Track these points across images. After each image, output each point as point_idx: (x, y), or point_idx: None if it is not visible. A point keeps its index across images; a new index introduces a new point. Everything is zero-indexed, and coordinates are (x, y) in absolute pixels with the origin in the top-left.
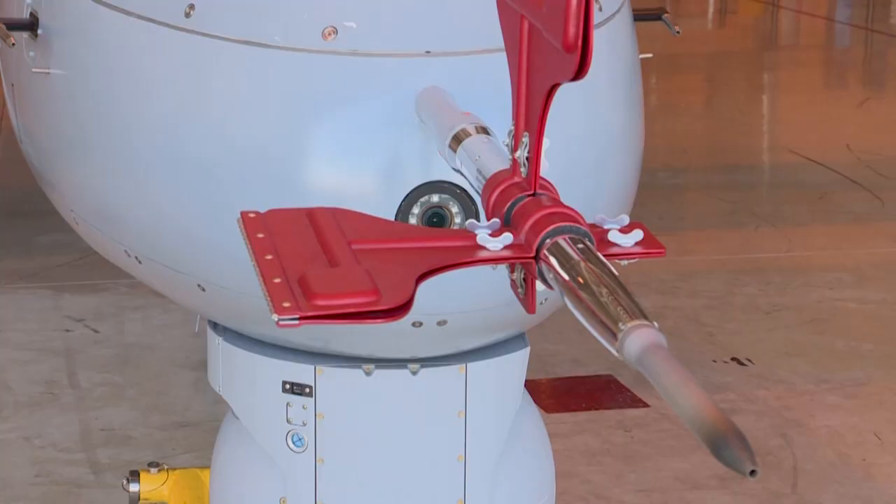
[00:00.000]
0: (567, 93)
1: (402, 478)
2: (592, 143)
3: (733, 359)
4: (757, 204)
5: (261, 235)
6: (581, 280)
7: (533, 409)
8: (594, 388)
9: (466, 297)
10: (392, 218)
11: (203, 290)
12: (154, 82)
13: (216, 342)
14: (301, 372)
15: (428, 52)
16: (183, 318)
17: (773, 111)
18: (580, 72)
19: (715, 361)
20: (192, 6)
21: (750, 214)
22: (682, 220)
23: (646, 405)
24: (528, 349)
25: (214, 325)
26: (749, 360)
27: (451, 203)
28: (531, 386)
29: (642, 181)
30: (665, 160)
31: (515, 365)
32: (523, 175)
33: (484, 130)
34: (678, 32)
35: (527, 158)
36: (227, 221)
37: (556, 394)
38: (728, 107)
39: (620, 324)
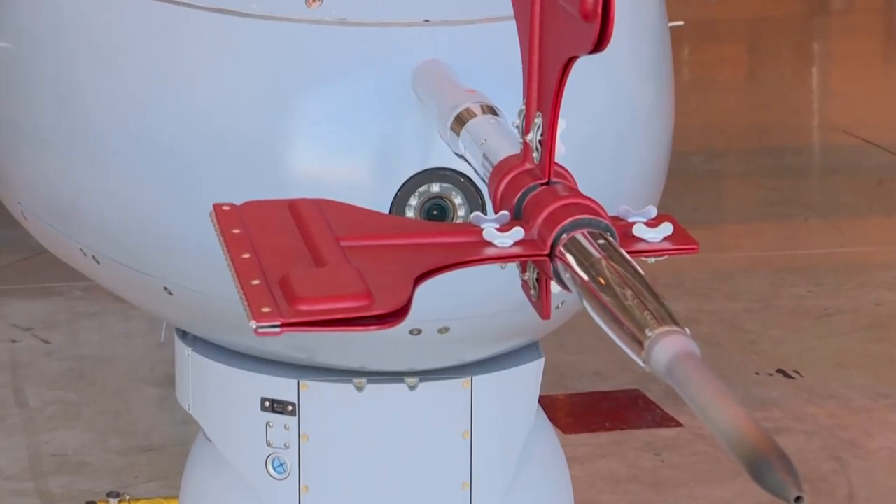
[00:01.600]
0: (585, 67)
1: None
2: (615, 124)
3: (779, 371)
4: (806, 192)
5: (236, 231)
6: (602, 280)
7: (548, 429)
8: (619, 404)
9: (471, 300)
10: (386, 210)
11: (170, 293)
12: (115, 57)
13: (185, 353)
14: (283, 387)
15: (426, 20)
16: (147, 327)
17: (823, 86)
18: (600, 43)
19: (758, 374)
20: None
21: (798, 204)
22: (719, 211)
23: (678, 424)
24: (542, 360)
25: (183, 334)
26: (797, 373)
27: (453, 193)
28: (546, 402)
29: (673, 167)
30: (700, 142)
31: (528, 378)
32: (536, 161)
33: (491, 110)
34: None
35: (540, 142)
36: (198, 215)
37: (575, 411)
38: (772, 81)
39: (647, 330)
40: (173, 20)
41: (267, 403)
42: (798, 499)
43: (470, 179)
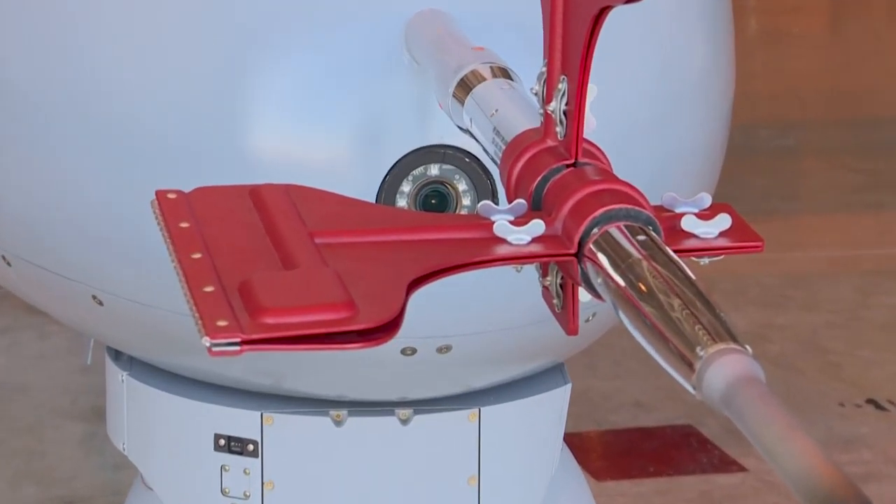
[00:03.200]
0: (621, 19)
1: None
2: (659, 91)
3: (869, 401)
4: None
5: (185, 224)
6: (643, 286)
7: (576, 475)
8: (666, 443)
9: (478, 312)
10: (373, 199)
11: (100, 303)
12: (27, 12)
13: (119, 379)
14: (242, 421)
15: None
16: (69, 345)
17: None
18: None
19: (842, 405)
20: None
21: (892, 191)
22: (793, 199)
23: (742, 469)
24: (568, 387)
25: (116, 355)
26: (892, 403)
27: (455, 177)
28: (575, 441)
29: (733, 144)
30: (769, 113)
31: (550, 410)
32: (560, 137)
33: (503, 73)
34: None
35: (564, 113)
36: (135, 204)
37: (610, 453)
38: (860, 36)
39: (699, 348)
40: None
41: (222, 441)
42: None
43: (477, 160)
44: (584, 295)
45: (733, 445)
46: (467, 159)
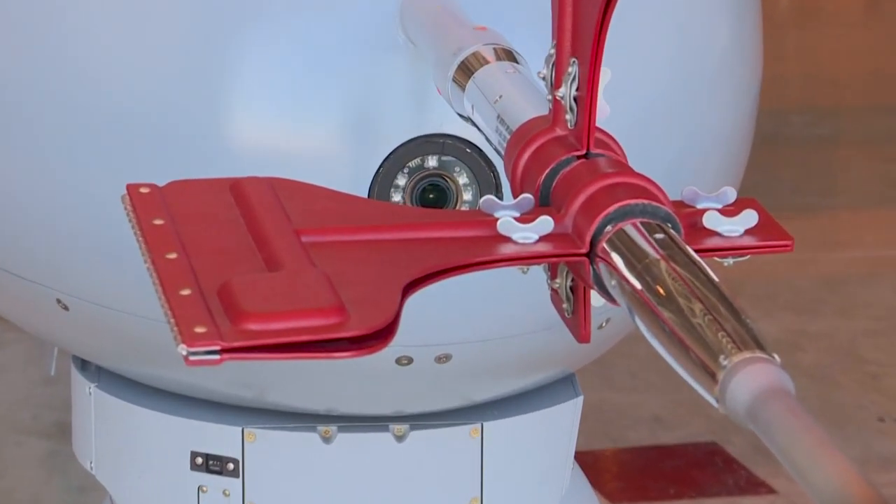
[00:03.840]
0: None
1: None
2: (679, 75)
3: None
4: None
5: (159, 222)
6: (661, 290)
7: (589, 497)
8: (688, 463)
9: (480, 318)
10: (365, 193)
11: (65, 308)
12: None
13: (86, 391)
14: (222, 437)
15: None
16: (29, 355)
17: None
18: None
19: (882, 420)
20: None
21: None
22: (828, 193)
23: (771, 491)
24: (579, 401)
25: (83, 365)
26: None
27: (456, 170)
28: (587, 460)
29: (762, 133)
30: (802, 98)
31: (560, 426)
32: (570, 126)
33: (508, 55)
34: None
35: (575, 99)
36: (104, 200)
37: (627, 473)
38: None
39: (722, 357)
40: None
41: (199, 460)
42: None
43: (479, 150)
44: (596, 299)
45: (762, 465)
46: (468, 150)
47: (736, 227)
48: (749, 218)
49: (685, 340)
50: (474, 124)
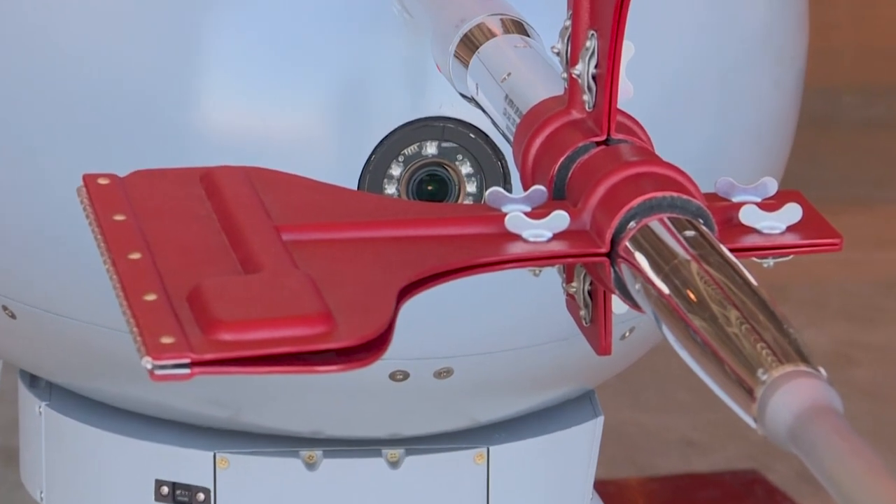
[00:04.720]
0: None
1: None
2: (711, 50)
3: None
4: None
5: (120, 217)
6: (692, 295)
7: None
8: (725, 493)
9: (485, 328)
10: (355, 185)
11: (12, 316)
12: None
13: (35, 411)
14: (191, 463)
15: None
16: None
17: None
18: None
19: None
20: None
21: None
22: (883, 184)
23: None
24: (599, 421)
25: (32, 382)
26: None
27: (458, 158)
28: (610, 490)
29: (808, 116)
30: (854, 77)
31: (577, 450)
32: (588, 108)
33: (518, 27)
34: None
35: (594, 77)
36: (56, 194)
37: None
38: None
39: (760, 371)
40: None
41: (165, 489)
42: None
43: (484, 136)
44: (618, 305)
45: (808, 495)
46: (472, 135)
47: (777, 223)
48: (792, 213)
49: (719, 352)
50: (479, 106)
